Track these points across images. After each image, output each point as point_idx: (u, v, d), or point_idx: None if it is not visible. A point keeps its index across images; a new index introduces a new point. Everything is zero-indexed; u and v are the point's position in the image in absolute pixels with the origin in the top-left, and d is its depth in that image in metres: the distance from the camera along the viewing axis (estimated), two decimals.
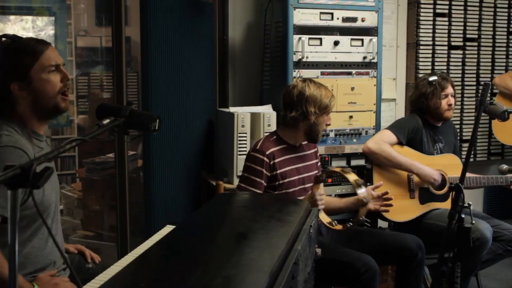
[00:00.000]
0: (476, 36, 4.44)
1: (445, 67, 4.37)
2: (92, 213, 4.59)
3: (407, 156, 3.27)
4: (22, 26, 5.39)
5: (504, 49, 4.55)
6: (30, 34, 5.30)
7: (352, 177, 2.63)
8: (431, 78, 3.40)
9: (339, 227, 2.70)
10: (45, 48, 2.00)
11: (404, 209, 3.28)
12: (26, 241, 1.98)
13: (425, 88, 3.39)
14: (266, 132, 3.20)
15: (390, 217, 3.27)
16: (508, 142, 4.31)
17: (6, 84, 1.95)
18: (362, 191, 2.61)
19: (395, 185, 3.28)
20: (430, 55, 4.33)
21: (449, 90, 3.39)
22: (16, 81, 1.95)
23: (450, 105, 3.38)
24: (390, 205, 2.85)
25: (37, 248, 2.02)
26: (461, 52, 4.42)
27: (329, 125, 2.85)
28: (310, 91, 2.74)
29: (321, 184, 2.74)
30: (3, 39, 1.97)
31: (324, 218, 2.74)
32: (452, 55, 4.39)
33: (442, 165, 3.31)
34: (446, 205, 3.19)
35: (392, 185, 3.27)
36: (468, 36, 4.42)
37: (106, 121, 1.63)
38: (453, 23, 4.36)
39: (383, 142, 3.25)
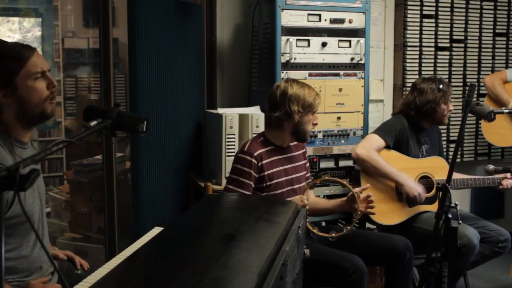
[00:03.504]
0: (462, 38, 4.47)
1: (432, 68, 4.39)
2: (80, 215, 4.56)
3: (394, 159, 3.28)
4: (9, 28, 5.36)
5: (490, 50, 4.59)
6: (17, 36, 5.28)
7: (346, 182, 2.78)
8: (440, 85, 3.38)
9: (330, 235, 2.77)
10: (31, 54, 1.93)
11: (393, 212, 3.28)
12: (12, 250, 1.93)
13: (435, 94, 3.37)
14: (254, 134, 3.20)
15: (379, 221, 3.26)
16: (498, 143, 4.33)
17: None
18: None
19: (383, 188, 3.28)
20: (417, 57, 4.35)
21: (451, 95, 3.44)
22: (1, 89, 1.89)
23: (450, 110, 3.41)
24: (373, 207, 2.87)
25: (23, 255, 1.99)
26: (448, 53, 4.45)
27: (316, 124, 2.85)
28: (292, 90, 2.76)
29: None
30: None
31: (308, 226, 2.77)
32: (439, 56, 4.42)
33: (429, 168, 3.32)
34: (434, 207, 3.19)
35: (381, 188, 3.27)
36: (454, 37, 4.45)
37: (93, 123, 1.62)
38: (440, 25, 4.39)
39: (372, 150, 3.24)
